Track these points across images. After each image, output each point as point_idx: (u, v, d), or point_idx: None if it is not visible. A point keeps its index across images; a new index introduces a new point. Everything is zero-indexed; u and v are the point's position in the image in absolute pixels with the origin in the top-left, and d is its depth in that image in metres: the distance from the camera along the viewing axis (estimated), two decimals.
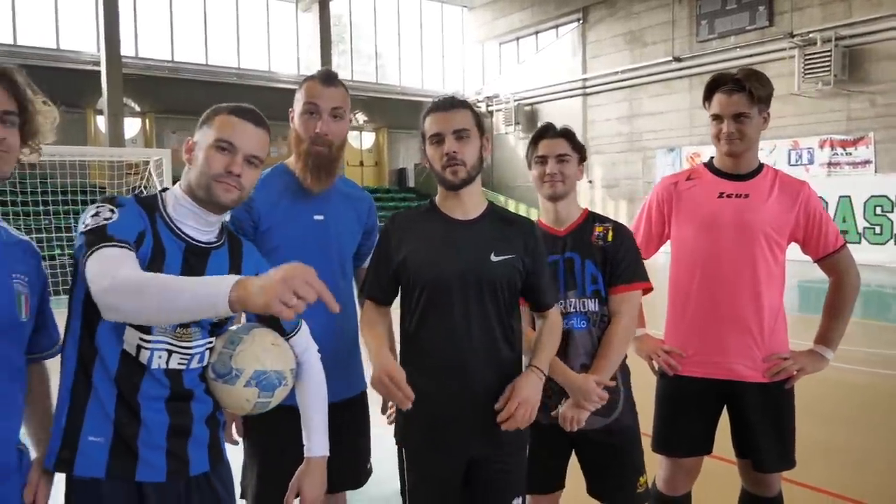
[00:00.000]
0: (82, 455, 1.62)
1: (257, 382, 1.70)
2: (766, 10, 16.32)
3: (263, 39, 21.46)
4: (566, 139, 2.40)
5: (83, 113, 18.26)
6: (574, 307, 2.34)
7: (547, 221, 2.46)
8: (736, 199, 2.51)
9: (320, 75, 2.29)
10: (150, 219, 1.69)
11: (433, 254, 2.09)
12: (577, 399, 2.25)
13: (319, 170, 2.24)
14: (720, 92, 2.49)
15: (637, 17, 19.49)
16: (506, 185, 23.48)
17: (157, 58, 19.50)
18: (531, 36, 23.85)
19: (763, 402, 2.51)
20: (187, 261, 1.69)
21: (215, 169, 1.68)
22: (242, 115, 1.74)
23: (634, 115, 19.72)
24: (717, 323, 2.51)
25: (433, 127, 2.07)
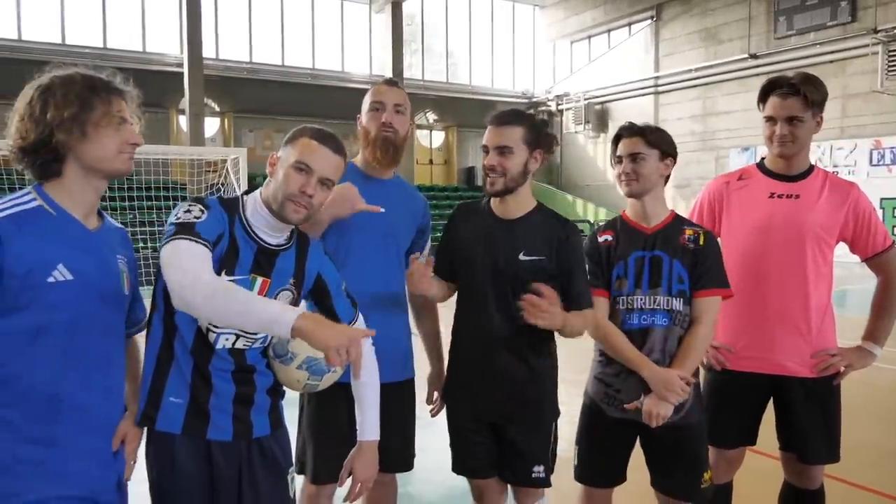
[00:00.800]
0: (164, 413, 1.86)
1: (308, 367, 1.90)
2: (849, 5, 15.72)
3: (337, 40, 21.95)
4: (641, 137, 2.43)
5: (167, 112, 19.12)
6: (659, 304, 2.40)
7: (633, 217, 2.52)
8: (787, 199, 2.56)
9: (384, 81, 2.59)
10: (229, 220, 1.88)
11: (473, 247, 2.38)
12: (661, 392, 2.31)
13: (388, 149, 2.45)
14: (775, 95, 2.53)
15: (713, 14, 19.06)
16: (574, 185, 23.33)
17: (236, 59, 20.22)
18: (603, 34, 23.61)
19: (811, 396, 2.56)
20: (257, 260, 1.90)
21: (291, 188, 1.85)
22: (323, 141, 1.91)
23: (708, 113, 19.30)
24: (766, 320, 2.56)
25: (485, 138, 2.34)
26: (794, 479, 2.68)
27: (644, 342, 2.39)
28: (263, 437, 1.97)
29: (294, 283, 1.97)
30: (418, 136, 24.09)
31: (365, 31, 22.21)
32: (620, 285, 2.44)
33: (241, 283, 1.85)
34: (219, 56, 19.79)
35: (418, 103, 22.87)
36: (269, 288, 1.92)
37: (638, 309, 2.42)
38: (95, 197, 1.78)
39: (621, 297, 2.44)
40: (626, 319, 2.42)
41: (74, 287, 1.65)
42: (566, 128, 23.96)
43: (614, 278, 2.46)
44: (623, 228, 2.51)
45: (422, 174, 24.14)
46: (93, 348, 1.71)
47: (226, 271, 1.85)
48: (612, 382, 2.46)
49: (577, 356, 2.34)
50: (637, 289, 2.42)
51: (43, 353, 1.63)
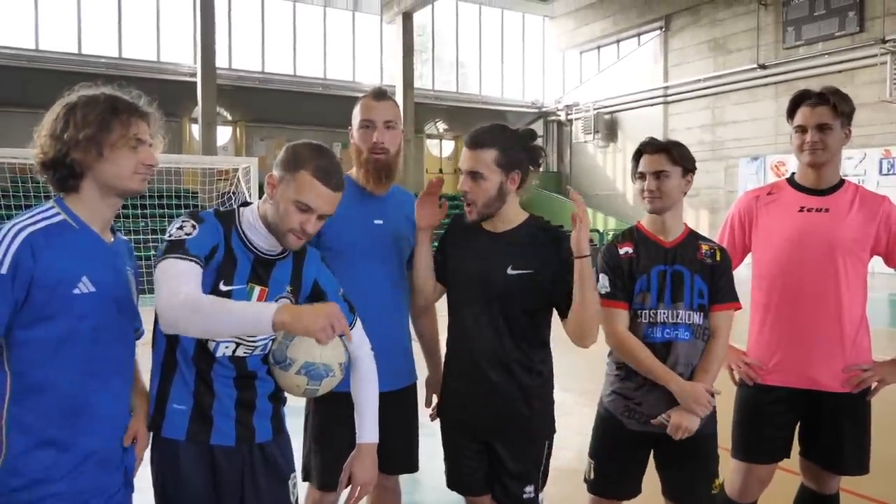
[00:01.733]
0: (168, 420, 1.92)
1: (306, 372, 1.90)
2: (857, 15, 15.74)
3: (349, 50, 22.13)
4: (665, 154, 2.45)
5: (179, 122, 19.32)
6: (681, 318, 2.43)
7: (652, 230, 2.53)
8: (816, 213, 2.58)
9: (372, 93, 2.52)
10: (225, 232, 1.93)
11: (462, 260, 2.37)
12: (689, 405, 2.35)
13: (380, 173, 2.46)
14: (805, 105, 2.59)
15: (721, 24, 19.11)
16: (583, 194, 23.15)
17: (248, 69, 20.42)
18: (612, 44, 23.67)
19: (842, 410, 2.57)
20: (255, 269, 1.95)
21: (292, 224, 1.90)
22: (325, 181, 1.89)
23: (717, 123, 19.33)
24: (799, 334, 2.58)
25: (460, 161, 2.33)
26: (813, 484, 2.71)
27: (667, 356, 2.42)
28: (266, 442, 2.02)
29: (291, 290, 2.01)
30: (428, 145, 24.20)
31: (376, 41, 22.39)
32: (643, 299, 2.46)
33: (238, 293, 1.91)
34: (232, 66, 20.01)
35: (428, 113, 23.02)
36: (267, 296, 1.96)
37: (661, 323, 2.44)
38: (111, 213, 1.85)
39: (644, 310, 2.46)
40: (649, 333, 2.44)
41: (96, 298, 1.74)
42: (575, 137, 24.02)
43: (637, 292, 2.47)
44: (642, 241, 2.53)
45: None
46: (111, 356, 1.81)
47: (223, 281, 1.90)
48: (632, 396, 2.47)
49: (582, 365, 2.35)
50: (660, 303, 2.45)
51: (66, 361, 1.71)
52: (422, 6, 20.35)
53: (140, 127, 1.82)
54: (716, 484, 2.49)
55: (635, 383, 2.48)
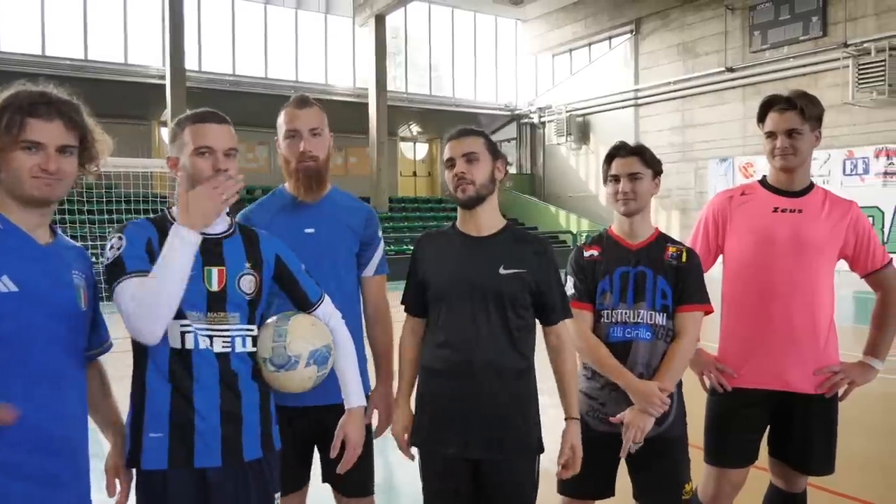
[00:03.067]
0: (146, 451, 1.82)
1: (314, 360, 1.94)
2: (820, 20, 16.05)
3: (321, 53, 22.04)
4: (638, 157, 2.50)
5: (148, 125, 19.12)
6: (642, 318, 2.45)
7: (620, 233, 2.57)
8: (790, 213, 2.60)
9: (295, 101, 2.46)
10: (157, 226, 1.90)
11: (447, 268, 2.31)
12: (641, 404, 2.36)
13: (310, 182, 2.41)
14: (773, 111, 2.59)
15: (690, 29, 19.37)
16: (556, 196, 23.51)
17: (219, 71, 20.23)
18: (584, 48, 23.88)
19: (812, 410, 2.59)
20: (204, 251, 1.86)
21: (205, 171, 1.90)
22: (205, 119, 1.96)
23: (686, 125, 19.58)
24: (772, 335, 2.58)
25: (447, 153, 2.32)
26: (782, 483, 2.73)
27: (627, 355, 2.44)
28: (255, 460, 1.92)
29: (251, 266, 1.95)
30: (402, 148, 24.20)
31: (349, 44, 22.32)
32: (605, 299, 2.49)
33: (194, 279, 1.83)
34: (202, 68, 19.80)
35: (402, 116, 23.01)
36: (228, 276, 1.91)
37: (621, 322, 2.47)
38: (40, 217, 1.76)
39: (605, 310, 2.49)
40: (610, 332, 2.47)
41: (18, 298, 1.63)
42: (548, 139, 24.18)
43: (599, 292, 2.50)
44: (609, 244, 2.56)
45: (405, 186, 24.24)
46: (37, 361, 1.67)
47: None
48: (597, 396, 2.50)
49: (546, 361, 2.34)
50: (621, 302, 2.47)
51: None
52: (394, 9, 20.35)
53: (35, 129, 1.68)
54: (687, 489, 2.49)
55: (599, 383, 2.50)
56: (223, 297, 1.89)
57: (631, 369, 2.43)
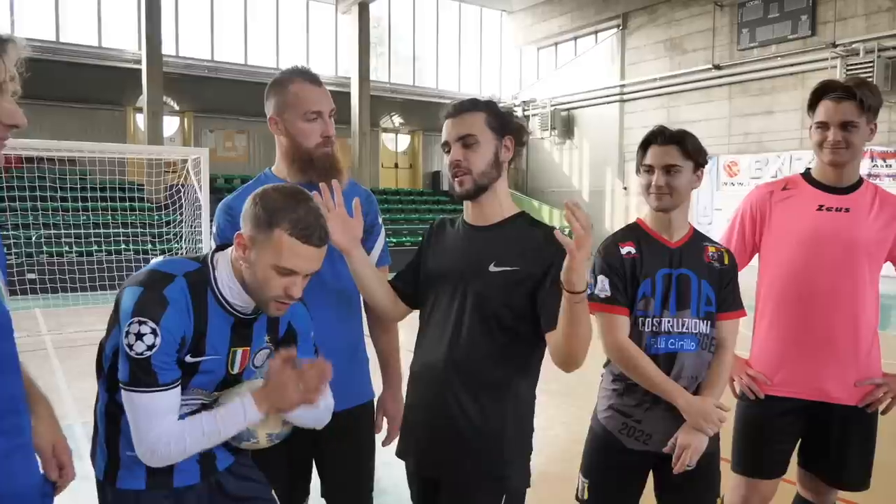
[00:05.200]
0: (124, 468, 1.69)
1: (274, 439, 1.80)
2: (809, 19, 16.00)
3: (302, 40, 21.63)
4: (678, 146, 2.19)
5: (123, 111, 18.59)
6: (687, 327, 2.19)
7: (655, 229, 2.27)
8: (836, 212, 2.40)
9: (308, 77, 2.15)
10: (196, 306, 1.63)
11: (440, 259, 2.06)
12: (698, 422, 2.12)
13: (331, 170, 2.13)
14: (828, 99, 2.37)
15: (678, 25, 19.26)
16: (540, 191, 23.36)
17: (197, 57, 19.72)
18: (570, 41, 23.70)
19: (851, 423, 2.43)
20: (236, 331, 1.71)
21: (275, 292, 1.64)
22: (306, 239, 1.62)
23: (672, 122, 19.42)
24: (811, 342, 2.40)
25: (443, 135, 1.99)
26: (811, 496, 2.57)
27: (671, 368, 2.18)
28: (230, 466, 1.85)
29: (269, 339, 1.81)
30: (384, 139, 23.88)
31: (331, 31, 21.94)
32: (646, 305, 2.20)
33: (215, 364, 1.69)
34: (179, 53, 19.28)
35: (384, 106, 22.70)
36: (250, 354, 1.78)
37: (665, 332, 2.19)
38: None
39: (647, 318, 2.20)
40: (652, 343, 2.19)
41: None
42: (532, 133, 24.00)
43: (640, 297, 2.21)
44: (645, 240, 2.26)
45: (387, 178, 23.93)
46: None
47: (191, 354, 1.64)
48: (632, 413, 2.23)
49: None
50: (665, 310, 2.19)
51: None
52: None
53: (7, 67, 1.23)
54: (717, 503, 2.32)
55: (635, 399, 2.24)
56: (237, 379, 1.78)
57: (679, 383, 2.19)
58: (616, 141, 20.82)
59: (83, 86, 17.39)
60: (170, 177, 11.64)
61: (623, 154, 20.49)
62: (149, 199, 14.65)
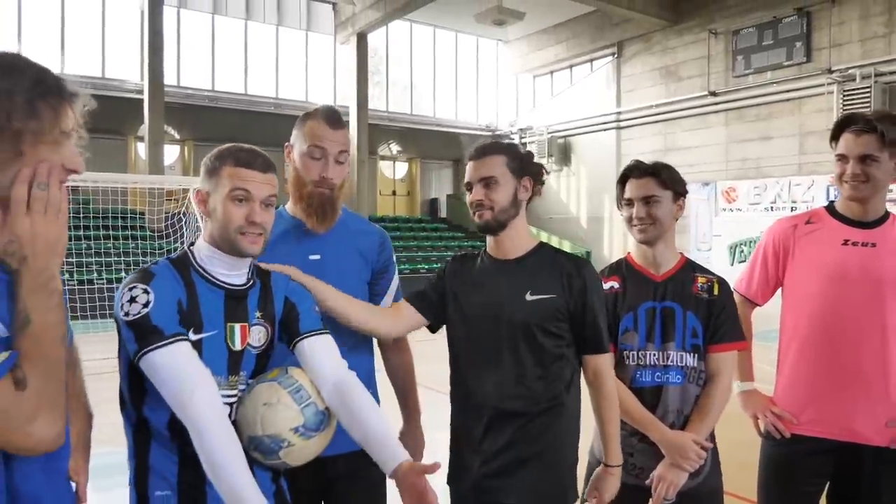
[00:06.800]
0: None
1: (255, 448, 1.66)
2: (804, 46, 16.14)
3: (302, 70, 21.84)
4: (654, 178, 2.26)
5: (125, 140, 18.71)
6: (672, 360, 2.23)
7: (641, 262, 2.34)
8: (862, 247, 2.35)
9: (326, 116, 2.16)
10: (184, 278, 1.71)
11: (468, 292, 2.13)
12: (675, 458, 2.15)
13: (324, 211, 2.16)
14: (849, 131, 2.34)
15: (672, 52, 19.47)
16: (537, 217, 23.42)
17: (197, 87, 19.92)
18: (566, 69, 23.94)
19: (886, 467, 2.34)
20: (228, 305, 1.74)
21: (238, 221, 1.71)
22: (250, 165, 1.74)
23: (669, 148, 19.60)
24: (839, 381, 2.34)
25: (466, 175, 2.14)
26: None
27: (657, 402, 2.21)
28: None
29: (262, 315, 1.78)
30: (381, 167, 24.00)
31: (329, 61, 22.17)
32: (629, 339, 2.25)
33: (212, 340, 1.68)
34: (180, 83, 19.47)
35: (382, 134, 22.85)
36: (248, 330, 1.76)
37: (651, 365, 2.23)
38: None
39: (631, 351, 2.25)
40: (637, 377, 2.24)
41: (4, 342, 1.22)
42: None
43: (622, 331, 2.26)
44: (630, 274, 2.32)
45: (384, 205, 24.01)
46: None
47: (193, 330, 1.66)
48: (625, 445, 2.23)
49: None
50: (649, 343, 2.24)
51: None
52: (376, 27, 20.27)
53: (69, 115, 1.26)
54: None
55: (626, 431, 2.25)
56: (241, 358, 1.71)
57: (661, 417, 2.21)
58: (613, 167, 20.92)
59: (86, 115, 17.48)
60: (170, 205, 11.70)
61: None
62: (150, 228, 14.69)
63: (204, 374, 1.58)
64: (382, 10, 19.10)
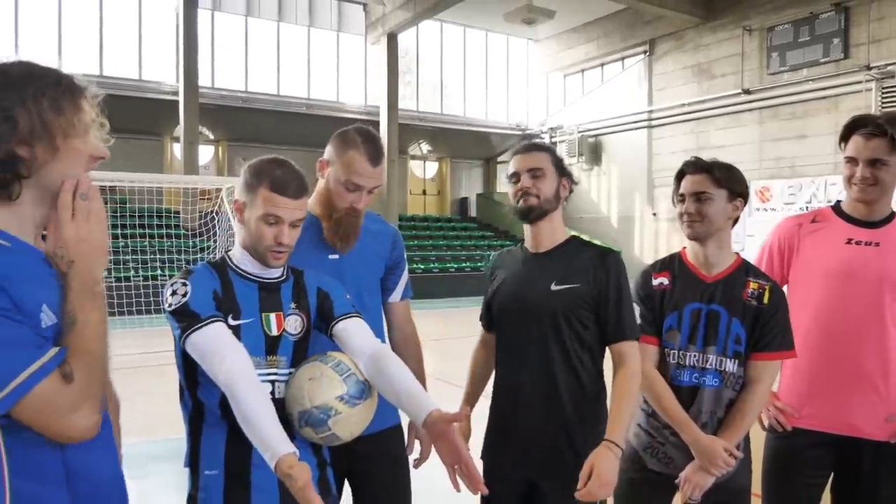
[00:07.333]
0: (203, 490, 1.81)
1: (306, 422, 1.77)
2: (842, 42, 15.85)
3: (333, 71, 22.04)
4: (708, 175, 2.26)
5: (161, 140, 19.07)
6: (710, 364, 2.23)
7: (693, 262, 2.34)
8: (866, 246, 2.38)
9: (368, 152, 2.19)
10: (220, 275, 1.89)
11: (507, 284, 2.27)
12: (703, 462, 2.16)
13: (348, 234, 2.26)
14: (858, 134, 2.36)
15: (706, 50, 19.26)
16: (567, 217, 23.19)
17: (231, 88, 20.20)
18: (596, 68, 23.81)
19: (885, 462, 2.36)
20: (262, 297, 1.90)
21: (267, 241, 1.86)
22: (284, 192, 1.85)
23: (701, 147, 19.39)
24: (840, 377, 2.38)
25: (512, 167, 2.25)
26: None
27: (692, 402, 2.23)
28: None
29: (296, 306, 1.94)
30: (411, 166, 24.12)
31: (360, 61, 22.33)
32: (672, 337, 2.27)
33: (251, 326, 1.85)
34: (214, 85, 19.77)
35: (412, 134, 22.96)
36: (283, 318, 1.91)
37: (689, 366, 2.25)
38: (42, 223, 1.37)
39: (672, 350, 2.27)
40: (676, 375, 2.25)
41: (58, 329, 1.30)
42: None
43: (665, 328, 2.28)
44: (681, 272, 2.33)
45: (415, 204, 24.13)
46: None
47: (231, 316, 1.83)
48: (656, 434, 2.29)
49: None
50: (690, 344, 2.25)
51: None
52: (406, 27, 20.35)
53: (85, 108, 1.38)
54: None
55: (660, 422, 2.29)
56: (279, 342, 1.89)
57: (695, 418, 2.21)
58: (644, 167, 20.78)
59: (124, 117, 17.83)
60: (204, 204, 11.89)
61: (651, 180, 20.43)
62: (184, 227, 14.95)
63: (236, 346, 1.73)
64: (413, 11, 19.19)
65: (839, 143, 2.45)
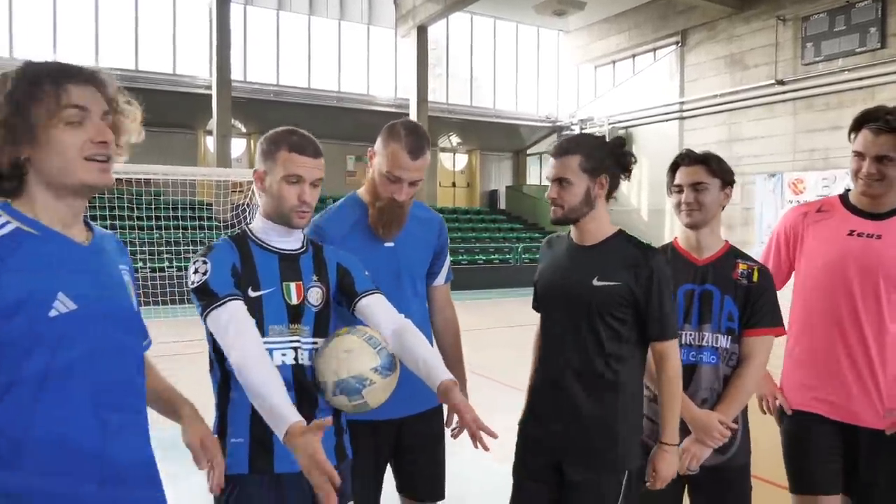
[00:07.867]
0: (230, 457, 1.89)
1: (342, 391, 1.89)
2: (878, 31, 15.52)
3: (363, 64, 22.19)
4: (704, 166, 2.37)
5: (195, 134, 19.40)
6: (707, 341, 2.34)
7: (685, 247, 2.45)
8: (867, 238, 2.40)
9: (409, 145, 2.27)
10: (239, 247, 1.98)
11: (549, 274, 2.33)
12: (699, 435, 2.28)
13: (391, 223, 2.36)
14: (867, 128, 2.37)
15: (738, 40, 19.00)
16: None
17: (263, 81, 20.48)
18: (628, 59, 23.61)
19: (882, 451, 2.40)
20: (283, 268, 1.99)
21: (291, 201, 1.96)
22: (302, 152, 1.98)
23: (733, 139, 19.17)
24: (837, 367, 2.43)
25: (546, 171, 2.31)
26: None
27: (690, 380, 2.32)
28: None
29: (318, 279, 2.03)
30: (441, 158, 24.18)
31: (390, 54, 22.44)
32: None
33: (272, 296, 1.94)
34: (247, 78, 20.06)
35: (442, 126, 23.01)
36: (304, 289, 1.99)
37: (685, 345, 2.34)
38: (76, 211, 1.46)
39: None
40: None
41: (78, 317, 1.38)
42: None
43: None
44: (673, 257, 2.43)
45: (444, 197, 24.21)
46: (118, 384, 1.46)
47: (251, 288, 1.92)
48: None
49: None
50: (686, 324, 2.35)
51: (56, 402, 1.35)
52: (436, 20, 20.38)
53: (81, 94, 1.39)
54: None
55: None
56: (301, 311, 1.98)
57: (693, 395, 2.32)
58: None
59: (159, 111, 18.08)
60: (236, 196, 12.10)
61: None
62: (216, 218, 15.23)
63: (249, 324, 1.83)
64: (442, 3, 19.22)
65: (848, 134, 2.46)
